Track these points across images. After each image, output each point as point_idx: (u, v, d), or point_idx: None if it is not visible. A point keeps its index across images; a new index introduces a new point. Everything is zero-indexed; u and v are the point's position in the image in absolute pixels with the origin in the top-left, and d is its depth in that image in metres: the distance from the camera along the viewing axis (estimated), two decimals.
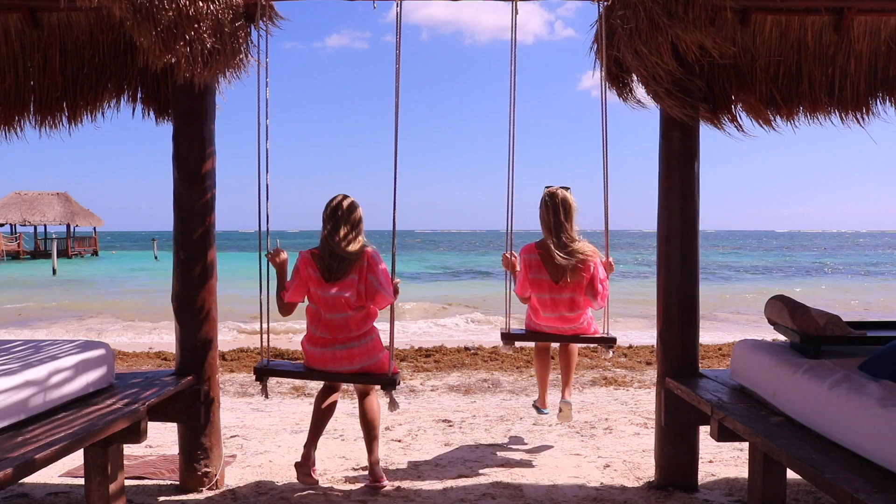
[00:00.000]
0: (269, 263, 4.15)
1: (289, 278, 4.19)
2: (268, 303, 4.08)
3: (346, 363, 4.10)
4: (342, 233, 4.10)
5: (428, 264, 45.86)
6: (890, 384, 2.92)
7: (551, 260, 4.76)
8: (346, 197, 4.23)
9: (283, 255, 4.21)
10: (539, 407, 5.36)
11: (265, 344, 4.19)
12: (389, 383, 4.08)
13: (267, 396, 4.35)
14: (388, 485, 4.36)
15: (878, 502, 2.25)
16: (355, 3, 4.36)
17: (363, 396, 4.35)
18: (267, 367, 4.22)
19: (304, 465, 4.14)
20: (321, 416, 4.27)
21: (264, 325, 4.10)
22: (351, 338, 4.09)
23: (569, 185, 4.98)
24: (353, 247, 4.09)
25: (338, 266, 4.08)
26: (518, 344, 6.28)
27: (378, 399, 4.42)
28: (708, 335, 13.06)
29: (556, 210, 4.82)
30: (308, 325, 4.20)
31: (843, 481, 2.45)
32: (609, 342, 4.88)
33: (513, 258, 4.87)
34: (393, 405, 4.19)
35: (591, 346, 8.46)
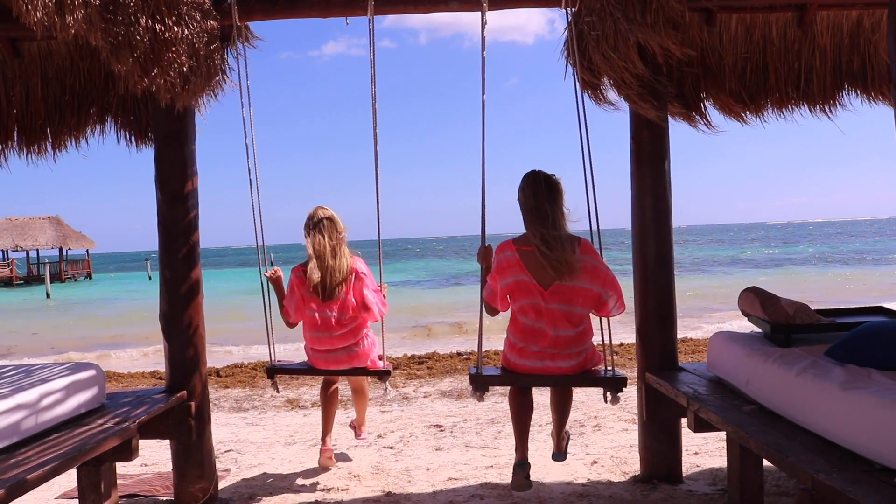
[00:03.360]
0: (269, 282, 4.64)
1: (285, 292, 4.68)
2: (270, 310, 4.54)
3: (346, 364, 4.65)
4: (328, 249, 4.53)
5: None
6: (854, 368, 3.03)
7: (537, 257, 3.62)
8: (323, 209, 4.66)
9: (279, 273, 4.73)
10: (517, 456, 3.84)
11: (271, 348, 4.67)
12: (385, 374, 4.72)
13: (278, 391, 4.96)
14: (364, 437, 5.35)
15: (835, 480, 2.35)
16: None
17: (357, 390, 5.15)
18: (276, 367, 4.74)
19: (325, 451, 4.76)
20: (328, 405, 4.88)
21: (270, 333, 4.59)
22: (347, 346, 4.60)
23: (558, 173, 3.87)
24: (343, 262, 4.56)
25: (330, 283, 4.52)
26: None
27: (367, 393, 5.25)
28: (702, 329, 13.18)
29: (537, 192, 3.72)
30: (307, 334, 4.67)
31: (806, 463, 2.55)
32: (617, 384, 3.72)
33: (488, 249, 3.87)
34: (387, 393, 5.70)
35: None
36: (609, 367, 3.83)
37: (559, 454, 4.15)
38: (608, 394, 3.78)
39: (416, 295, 28.15)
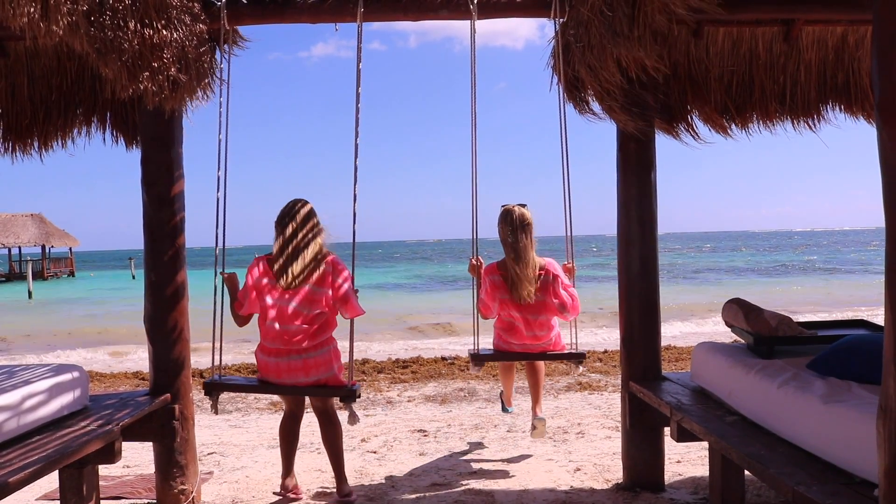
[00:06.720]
0: (224, 283, 4.19)
1: (241, 288, 4.19)
2: (222, 316, 4.11)
3: (302, 375, 4.06)
4: (300, 236, 4.13)
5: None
6: (835, 381, 3.07)
7: (513, 281, 4.66)
8: (300, 200, 4.28)
9: (235, 277, 4.27)
10: (504, 403, 5.51)
11: (216, 359, 4.20)
12: (348, 395, 4.03)
13: (216, 412, 4.38)
14: (355, 498, 4.35)
15: (815, 493, 2.38)
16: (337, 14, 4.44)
17: (324, 417, 4.31)
18: (217, 382, 4.21)
19: (285, 494, 4.45)
20: (288, 447, 4.48)
21: (216, 341, 4.13)
22: (307, 348, 4.04)
23: (525, 201, 4.88)
24: (312, 250, 4.13)
25: (296, 272, 4.07)
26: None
27: (339, 422, 4.33)
28: (686, 337, 13.25)
29: (513, 228, 4.70)
30: (261, 335, 4.16)
31: (787, 475, 2.58)
32: (578, 358, 4.77)
33: (478, 263, 4.77)
34: (353, 419, 4.12)
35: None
36: (573, 349, 4.85)
37: (539, 416, 4.95)
38: (571, 365, 4.95)
39: (403, 298, 28.12)
